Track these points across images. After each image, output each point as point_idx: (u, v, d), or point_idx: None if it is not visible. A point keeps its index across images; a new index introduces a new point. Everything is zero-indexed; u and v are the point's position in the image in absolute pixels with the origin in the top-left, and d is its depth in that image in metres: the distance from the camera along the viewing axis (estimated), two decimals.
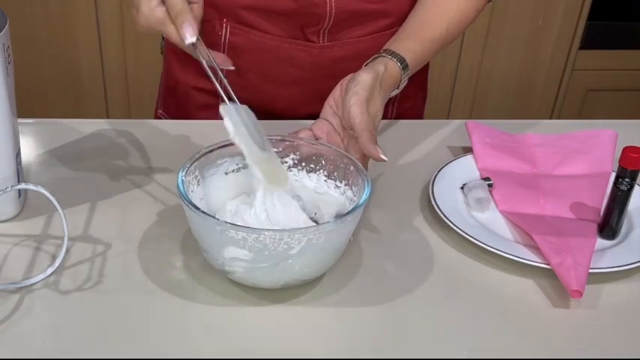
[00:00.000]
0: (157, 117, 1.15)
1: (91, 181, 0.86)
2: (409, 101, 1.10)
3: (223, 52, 1.00)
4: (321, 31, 0.96)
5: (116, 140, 0.95)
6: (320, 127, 0.81)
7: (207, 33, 0.99)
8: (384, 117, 0.86)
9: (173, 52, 1.07)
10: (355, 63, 0.86)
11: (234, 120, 0.70)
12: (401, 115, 1.10)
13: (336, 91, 0.82)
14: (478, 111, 2.25)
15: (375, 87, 0.79)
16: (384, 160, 0.76)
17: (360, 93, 0.78)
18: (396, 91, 0.86)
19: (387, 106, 0.85)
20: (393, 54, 0.84)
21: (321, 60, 0.99)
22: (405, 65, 0.84)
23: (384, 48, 0.87)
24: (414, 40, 0.88)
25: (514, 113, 2.25)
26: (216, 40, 0.99)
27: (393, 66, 0.83)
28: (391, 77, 0.83)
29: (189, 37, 0.73)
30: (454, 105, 2.24)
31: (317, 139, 0.80)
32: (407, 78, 0.86)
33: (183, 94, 1.08)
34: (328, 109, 0.82)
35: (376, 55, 0.85)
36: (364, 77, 0.79)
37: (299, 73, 1.00)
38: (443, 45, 0.93)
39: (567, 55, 2.18)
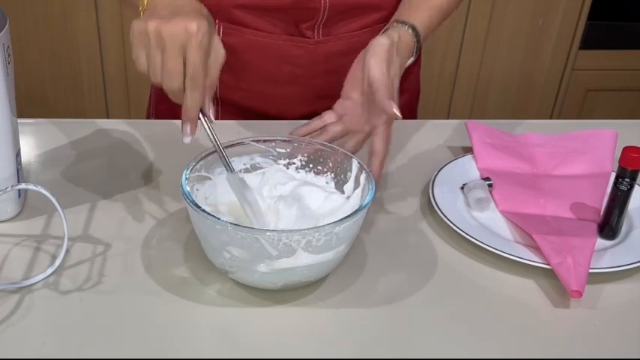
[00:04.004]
0: None
1: (91, 181, 0.86)
2: (404, 96, 1.10)
3: None
4: (316, 26, 0.97)
5: (116, 140, 0.95)
6: (342, 104, 0.84)
7: None
8: None
9: None
10: (350, 58, 0.86)
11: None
12: None
13: (354, 67, 0.84)
14: (478, 111, 2.24)
15: (392, 52, 0.81)
16: (399, 117, 0.77)
17: (379, 53, 0.80)
18: (412, 59, 0.87)
19: None
20: (404, 23, 0.86)
21: (316, 55, 0.99)
22: (416, 33, 0.86)
23: (392, 19, 0.89)
24: (420, 10, 0.90)
25: (514, 113, 2.25)
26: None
27: (406, 34, 0.85)
28: (406, 45, 0.85)
29: (187, 138, 0.71)
30: (454, 105, 2.24)
31: (341, 117, 0.83)
32: (420, 46, 0.88)
33: None
34: (347, 85, 0.84)
35: (387, 27, 0.87)
36: (382, 40, 0.81)
37: (295, 70, 1.00)
38: (447, 12, 0.95)
39: (567, 55, 2.18)
